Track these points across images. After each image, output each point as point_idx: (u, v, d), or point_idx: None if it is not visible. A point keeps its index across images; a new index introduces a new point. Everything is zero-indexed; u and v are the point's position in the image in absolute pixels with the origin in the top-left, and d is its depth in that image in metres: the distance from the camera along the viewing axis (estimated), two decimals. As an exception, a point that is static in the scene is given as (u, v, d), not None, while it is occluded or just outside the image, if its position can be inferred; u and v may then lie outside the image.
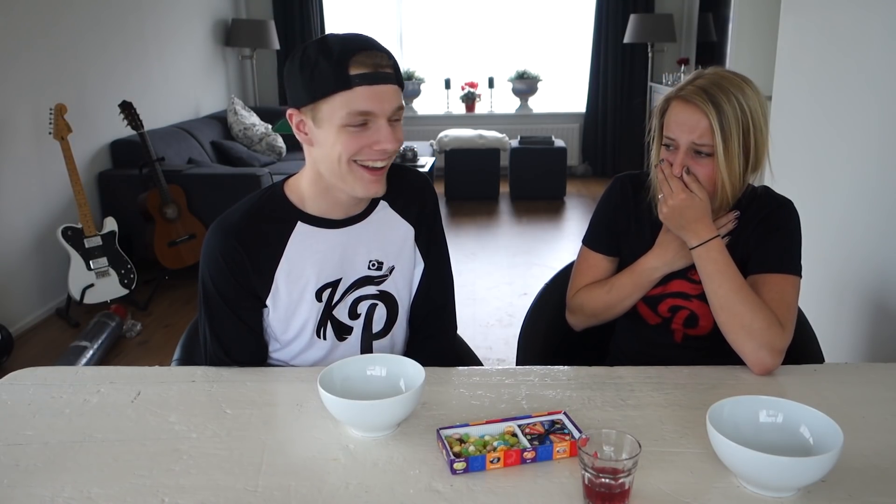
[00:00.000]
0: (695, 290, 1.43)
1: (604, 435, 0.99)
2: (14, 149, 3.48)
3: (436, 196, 1.49)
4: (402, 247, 1.43)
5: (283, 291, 1.34)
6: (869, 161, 2.12)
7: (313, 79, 1.21)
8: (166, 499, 0.99)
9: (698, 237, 1.35)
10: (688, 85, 1.36)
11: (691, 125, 1.34)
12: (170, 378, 1.34)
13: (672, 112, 1.37)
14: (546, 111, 7.09)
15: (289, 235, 1.34)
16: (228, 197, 4.16)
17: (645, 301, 1.47)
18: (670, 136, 1.37)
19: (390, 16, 6.97)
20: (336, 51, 1.20)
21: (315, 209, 1.35)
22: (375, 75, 1.21)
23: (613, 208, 1.51)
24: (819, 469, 0.94)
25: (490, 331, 3.51)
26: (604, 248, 1.52)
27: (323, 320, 1.38)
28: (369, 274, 1.39)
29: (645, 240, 1.48)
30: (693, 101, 1.33)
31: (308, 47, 1.23)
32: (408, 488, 1.00)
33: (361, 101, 1.21)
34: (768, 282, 1.36)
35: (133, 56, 4.59)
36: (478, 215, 5.74)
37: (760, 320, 1.30)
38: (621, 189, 1.52)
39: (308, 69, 1.21)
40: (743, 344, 1.31)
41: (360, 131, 1.23)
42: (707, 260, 1.35)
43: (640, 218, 1.49)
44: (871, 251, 2.10)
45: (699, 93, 1.33)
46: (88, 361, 3.05)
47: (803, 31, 2.57)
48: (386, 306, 1.42)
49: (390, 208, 1.42)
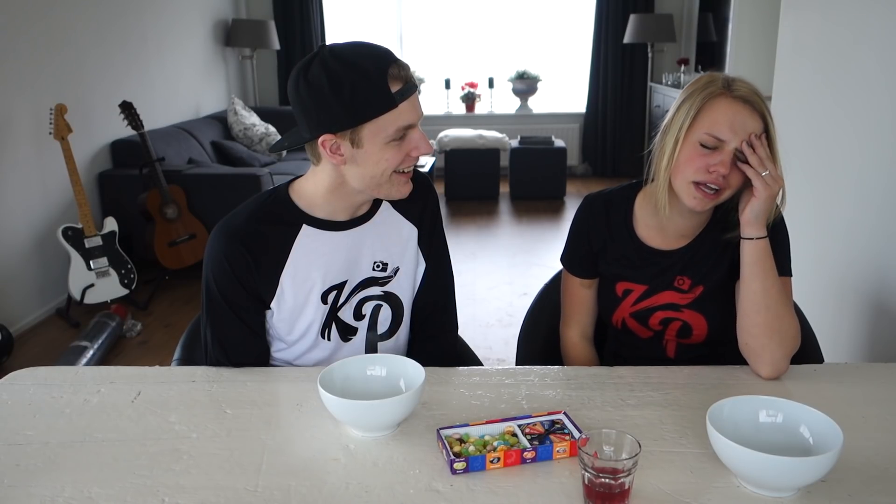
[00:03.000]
0: (684, 299, 1.42)
1: (604, 435, 0.99)
2: (14, 149, 3.48)
3: (437, 196, 1.50)
4: (405, 247, 1.43)
5: (289, 294, 1.34)
6: (869, 161, 2.12)
7: (354, 102, 1.18)
8: (166, 499, 0.99)
9: (761, 228, 1.31)
10: (738, 85, 1.28)
11: (748, 127, 1.26)
12: (170, 378, 1.34)
13: (721, 109, 1.27)
14: (546, 111, 7.09)
15: (294, 238, 1.33)
16: (228, 197, 4.18)
17: (634, 316, 1.45)
18: (718, 136, 1.27)
19: (390, 16, 6.97)
20: (371, 69, 1.18)
21: (323, 212, 1.34)
22: (409, 87, 1.22)
23: (587, 230, 1.48)
24: (819, 469, 0.94)
25: (490, 331, 3.51)
26: (581, 272, 1.50)
27: (328, 322, 1.38)
28: (374, 275, 1.39)
29: (623, 258, 1.45)
30: (751, 101, 1.27)
31: (331, 68, 1.18)
32: (408, 488, 1.00)
33: (405, 116, 1.22)
34: None
35: (133, 56, 4.59)
36: (478, 215, 5.74)
37: (794, 328, 1.30)
38: (591, 210, 1.48)
39: (345, 92, 1.18)
40: (773, 350, 1.29)
41: (400, 143, 1.24)
42: (767, 255, 1.30)
43: (615, 236, 1.46)
44: (870, 251, 2.10)
45: (754, 96, 1.28)
46: (89, 361, 3.05)
47: (803, 31, 2.57)
48: (391, 307, 1.42)
49: (393, 209, 1.42)
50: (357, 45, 1.22)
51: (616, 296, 1.46)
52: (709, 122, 1.27)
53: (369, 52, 1.21)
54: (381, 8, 6.95)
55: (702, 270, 1.41)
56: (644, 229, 1.44)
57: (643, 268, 1.44)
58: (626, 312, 1.46)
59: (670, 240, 1.43)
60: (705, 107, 1.28)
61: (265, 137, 5.50)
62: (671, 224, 1.41)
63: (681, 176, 1.31)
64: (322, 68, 1.19)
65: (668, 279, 1.42)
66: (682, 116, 1.30)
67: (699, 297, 1.41)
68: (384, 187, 1.29)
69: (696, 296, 1.41)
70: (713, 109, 1.28)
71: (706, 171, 1.28)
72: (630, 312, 1.45)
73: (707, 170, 1.28)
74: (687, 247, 1.42)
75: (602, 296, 1.50)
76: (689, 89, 1.33)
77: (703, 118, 1.28)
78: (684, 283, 1.42)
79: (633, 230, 1.45)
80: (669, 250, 1.43)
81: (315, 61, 1.20)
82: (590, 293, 1.51)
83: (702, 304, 1.41)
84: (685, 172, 1.30)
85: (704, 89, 1.29)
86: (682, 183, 1.31)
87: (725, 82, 1.29)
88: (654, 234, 1.44)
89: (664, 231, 1.43)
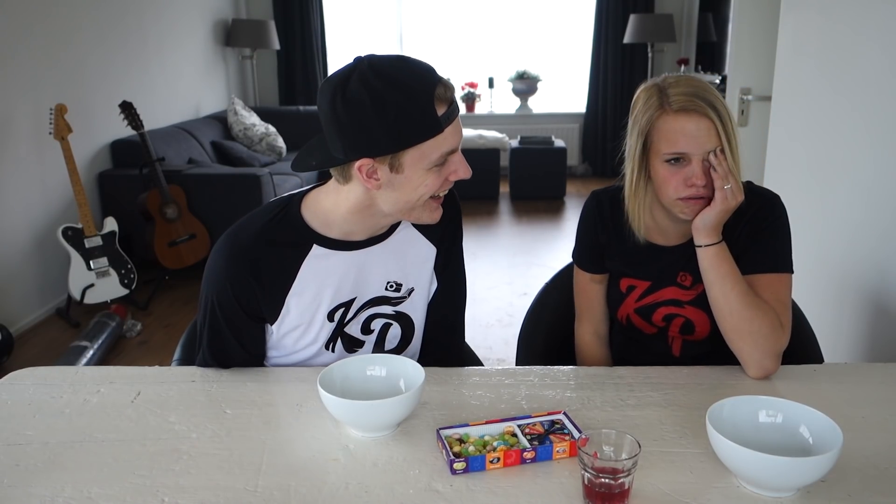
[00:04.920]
0: (687, 296, 1.42)
1: (604, 435, 0.99)
2: (14, 149, 3.48)
3: (460, 212, 1.42)
4: (422, 268, 1.38)
5: (294, 313, 1.30)
6: (869, 161, 2.12)
7: (399, 126, 1.10)
8: (166, 499, 0.99)
9: (713, 236, 1.32)
10: (672, 96, 1.28)
11: (703, 133, 1.26)
12: (170, 378, 1.34)
13: (669, 126, 1.28)
14: (546, 111, 7.09)
15: (303, 259, 1.27)
16: (229, 197, 4.19)
17: (638, 312, 1.46)
18: (679, 152, 1.28)
19: (390, 16, 6.96)
20: (418, 91, 1.10)
21: (338, 232, 1.28)
22: (454, 110, 1.15)
23: (594, 225, 1.49)
24: (819, 469, 0.94)
25: (490, 331, 3.51)
26: (591, 267, 1.51)
27: (334, 336, 1.35)
28: (386, 294, 1.34)
29: (626, 254, 1.46)
30: (692, 108, 1.27)
31: (373, 87, 1.08)
32: (408, 488, 1.00)
33: (450, 141, 1.16)
34: (762, 282, 1.34)
35: (133, 56, 4.59)
36: (478, 215, 5.74)
37: (767, 326, 1.29)
38: (598, 205, 1.49)
39: (390, 115, 1.09)
40: (749, 352, 1.30)
41: (441, 168, 1.18)
42: (721, 260, 1.31)
43: (619, 233, 1.46)
44: (871, 251, 2.10)
45: (692, 99, 1.27)
46: (88, 361, 3.05)
47: (803, 31, 2.57)
48: (401, 327, 1.38)
49: (413, 228, 1.36)
50: (400, 61, 1.12)
51: (621, 292, 1.48)
52: (664, 143, 1.29)
53: (414, 69, 1.12)
54: (381, 8, 6.95)
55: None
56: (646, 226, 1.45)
57: (646, 264, 1.45)
58: (630, 308, 1.47)
59: (672, 237, 1.44)
60: (653, 129, 1.30)
61: (265, 137, 5.50)
62: (670, 225, 1.42)
63: (665, 196, 1.34)
64: (363, 86, 1.09)
65: (671, 275, 1.43)
66: (633, 142, 1.34)
67: (702, 294, 1.41)
68: (416, 212, 1.22)
69: (698, 292, 1.41)
70: (662, 130, 1.29)
71: (685, 185, 1.30)
72: (634, 308, 1.46)
73: (686, 184, 1.30)
74: (689, 243, 1.42)
75: (608, 291, 1.51)
76: (633, 111, 1.35)
77: (657, 141, 1.30)
78: (686, 279, 1.42)
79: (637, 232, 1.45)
80: (671, 246, 1.44)
81: (354, 77, 1.10)
82: (601, 288, 1.52)
83: (704, 301, 1.41)
84: (667, 192, 1.32)
85: (645, 111, 1.31)
86: (669, 201, 1.34)
87: (661, 97, 1.29)
88: (656, 233, 1.45)
89: (665, 231, 1.44)
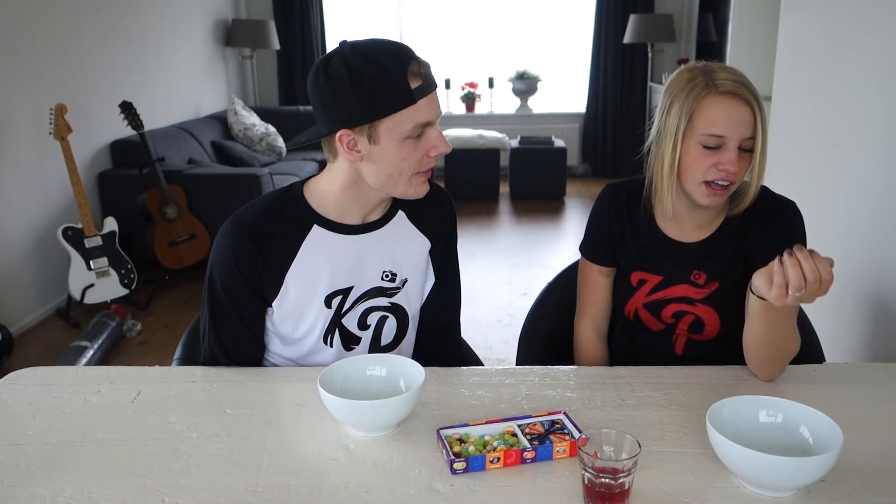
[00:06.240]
0: (699, 294, 1.41)
1: (604, 435, 0.99)
2: (14, 149, 3.48)
3: (455, 214, 1.48)
4: (416, 260, 1.42)
5: (293, 293, 1.33)
6: (869, 161, 2.12)
7: (373, 96, 1.18)
8: (166, 499, 0.99)
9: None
10: (720, 79, 1.28)
11: (744, 119, 1.26)
12: (170, 378, 1.34)
13: (713, 108, 1.28)
14: (546, 111, 7.09)
15: (304, 238, 1.33)
16: (229, 197, 4.20)
17: (647, 307, 1.46)
18: (719, 134, 1.27)
19: (390, 16, 6.96)
20: (391, 65, 1.18)
21: (335, 213, 1.34)
22: (428, 85, 1.22)
23: (608, 216, 1.49)
24: (819, 469, 0.94)
25: (490, 331, 3.51)
26: (600, 259, 1.50)
27: (331, 328, 1.37)
28: (382, 285, 1.38)
29: (641, 247, 1.46)
30: (739, 94, 1.27)
31: (351, 63, 1.18)
32: (408, 488, 1.00)
33: (424, 113, 1.21)
34: None
35: (133, 56, 4.59)
36: (478, 215, 5.74)
37: (793, 347, 1.29)
38: (614, 197, 1.49)
39: (364, 87, 1.17)
40: (770, 370, 1.30)
41: (418, 141, 1.23)
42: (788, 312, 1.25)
43: (634, 226, 1.47)
44: (871, 251, 2.10)
45: (739, 87, 1.27)
46: (89, 361, 3.05)
47: (803, 31, 2.57)
48: (397, 319, 1.41)
49: (408, 220, 1.41)
50: (378, 42, 1.22)
51: (631, 285, 1.47)
52: (705, 123, 1.28)
53: (390, 48, 1.21)
54: (381, 8, 6.95)
55: (718, 266, 1.41)
56: (663, 220, 1.45)
57: (660, 259, 1.45)
58: (639, 303, 1.46)
59: (688, 231, 1.43)
60: (697, 108, 1.29)
61: (265, 137, 5.50)
62: (688, 217, 1.42)
63: (690, 178, 1.32)
64: (342, 63, 1.19)
65: (685, 272, 1.43)
66: (674, 121, 1.31)
67: (714, 293, 1.41)
68: (401, 186, 1.28)
69: (711, 291, 1.41)
70: (706, 109, 1.28)
71: (715, 169, 1.30)
72: (643, 303, 1.46)
73: (716, 168, 1.29)
74: (705, 240, 1.42)
75: (617, 285, 1.51)
76: (672, 89, 1.33)
77: (697, 120, 1.29)
78: (700, 277, 1.41)
79: (654, 220, 1.45)
80: (688, 242, 1.43)
81: (336, 56, 1.20)
82: (607, 282, 1.52)
83: (717, 300, 1.41)
84: (694, 174, 1.31)
85: (690, 89, 1.29)
86: (693, 184, 1.33)
87: (707, 78, 1.29)
88: (672, 226, 1.44)
89: (681, 223, 1.43)
